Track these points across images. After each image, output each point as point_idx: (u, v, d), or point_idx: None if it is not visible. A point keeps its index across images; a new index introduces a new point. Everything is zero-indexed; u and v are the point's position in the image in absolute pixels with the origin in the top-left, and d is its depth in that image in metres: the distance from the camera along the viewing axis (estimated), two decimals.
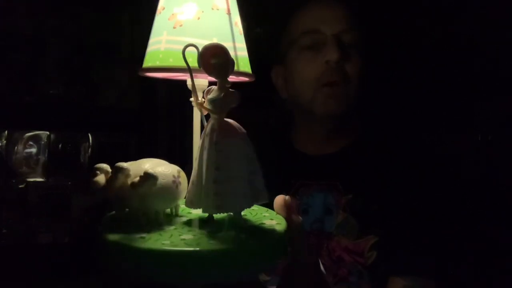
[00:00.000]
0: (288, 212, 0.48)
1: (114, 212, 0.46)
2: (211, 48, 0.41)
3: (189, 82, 0.46)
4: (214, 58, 0.41)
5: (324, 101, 0.78)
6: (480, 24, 1.08)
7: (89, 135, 1.29)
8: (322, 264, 0.55)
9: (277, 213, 0.49)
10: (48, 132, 1.25)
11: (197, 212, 0.48)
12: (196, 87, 0.46)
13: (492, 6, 1.07)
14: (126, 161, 0.43)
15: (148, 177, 0.40)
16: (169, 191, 0.43)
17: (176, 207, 0.47)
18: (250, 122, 0.47)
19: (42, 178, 1.25)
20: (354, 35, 0.79)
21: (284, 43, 0.85)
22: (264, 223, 0.45)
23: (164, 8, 0.50)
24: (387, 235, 0.75)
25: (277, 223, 0.45)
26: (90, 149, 1.28)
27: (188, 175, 0.47)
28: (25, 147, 1.24)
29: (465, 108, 1.11)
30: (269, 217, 0.48)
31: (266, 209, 0.50)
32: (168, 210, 0.47)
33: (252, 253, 0.40)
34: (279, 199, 0.49)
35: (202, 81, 0.48)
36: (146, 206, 0.42)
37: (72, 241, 1.23)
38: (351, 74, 0.78)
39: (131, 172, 0.41)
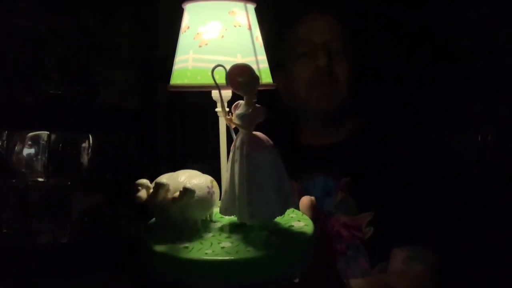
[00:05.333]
0: (314, 213, 0.51)
1: (154, 219, 0.51)
2: (237, 68, 0.45)
3: (213, 94, 0.51)
4: (241, 77, 0.44)
5: (316, 99, 0.91)
6: (480, 24, 1.09)
7: (89, 135, 1.29)
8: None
9: (303, 213, 0.52)
10: (48, 132, 1.25)
11: (229, 218, 0.51)
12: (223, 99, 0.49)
13: (492, 5, 1.07)
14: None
15: (186, 192, 0.45)
16: (205, 201, 0.48)
17: (211, 213, 0.52)
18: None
19: (42, 178, 1.25)
20: (341, 43, 0.91)
21: (283, 51, 0.97)
22: (293, 225, 0.49)
23: (188, 28, 0.52)
24: (385, 211, 0.83)
25: (305, 225, 0.49)
26: (90, 149, 1.28)
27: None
28: (25, 147, 1.24)
29: (465, 108, 1.12)
30: (296, 218, 0.51)
31: (292, 209, 0.53)
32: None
33: (286, 256, 0.44)
34: (306, 200, 0.52)
35: (227, 92, 0.51)
36: (185, 216, 0.47)
37: (72, 241, 1.23)
38: (340, 76, 0.91)
39: (170, 187, 0.46)
